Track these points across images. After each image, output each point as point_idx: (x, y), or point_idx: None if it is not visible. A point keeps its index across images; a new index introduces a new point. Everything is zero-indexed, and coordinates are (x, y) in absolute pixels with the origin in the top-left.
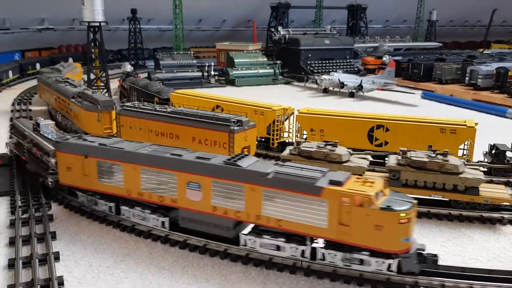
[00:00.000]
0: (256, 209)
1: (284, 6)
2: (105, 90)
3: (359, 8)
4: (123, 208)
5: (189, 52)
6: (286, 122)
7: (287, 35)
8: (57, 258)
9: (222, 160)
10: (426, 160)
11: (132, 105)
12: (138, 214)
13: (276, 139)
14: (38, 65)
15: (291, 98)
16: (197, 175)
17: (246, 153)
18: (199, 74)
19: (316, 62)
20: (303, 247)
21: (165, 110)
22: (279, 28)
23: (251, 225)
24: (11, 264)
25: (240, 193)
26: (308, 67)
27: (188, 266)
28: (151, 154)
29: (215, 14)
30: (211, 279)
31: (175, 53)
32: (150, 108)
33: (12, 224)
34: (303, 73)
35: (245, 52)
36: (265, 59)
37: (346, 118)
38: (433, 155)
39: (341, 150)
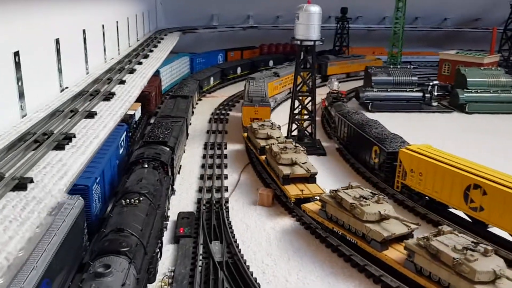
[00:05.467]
0: None
1: None
2: (310, 121)
3: None
4: None
5: (408, 67)
6: None
7: None
8: None
9: None
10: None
11: None
12: None
13: None
14: (239, 69)
15: None
16: None
17: None
18: (419, 94)
19: None
20: None
21: None
22: None
23: None
24: None
25: None
26: None
27: None
28: None
29: (437, 10)
30: None
31: (391, 67)
32: None
33: None
34: None
35: (481, 69)
36: (510, 79)
37: (444, 166)
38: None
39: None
